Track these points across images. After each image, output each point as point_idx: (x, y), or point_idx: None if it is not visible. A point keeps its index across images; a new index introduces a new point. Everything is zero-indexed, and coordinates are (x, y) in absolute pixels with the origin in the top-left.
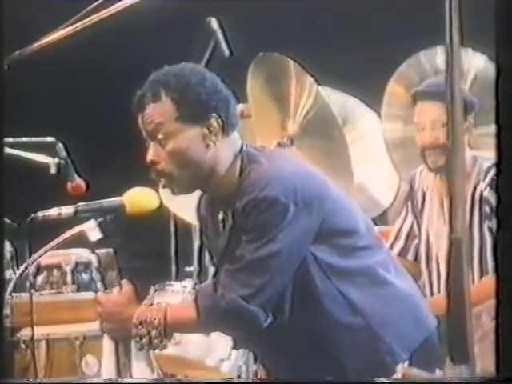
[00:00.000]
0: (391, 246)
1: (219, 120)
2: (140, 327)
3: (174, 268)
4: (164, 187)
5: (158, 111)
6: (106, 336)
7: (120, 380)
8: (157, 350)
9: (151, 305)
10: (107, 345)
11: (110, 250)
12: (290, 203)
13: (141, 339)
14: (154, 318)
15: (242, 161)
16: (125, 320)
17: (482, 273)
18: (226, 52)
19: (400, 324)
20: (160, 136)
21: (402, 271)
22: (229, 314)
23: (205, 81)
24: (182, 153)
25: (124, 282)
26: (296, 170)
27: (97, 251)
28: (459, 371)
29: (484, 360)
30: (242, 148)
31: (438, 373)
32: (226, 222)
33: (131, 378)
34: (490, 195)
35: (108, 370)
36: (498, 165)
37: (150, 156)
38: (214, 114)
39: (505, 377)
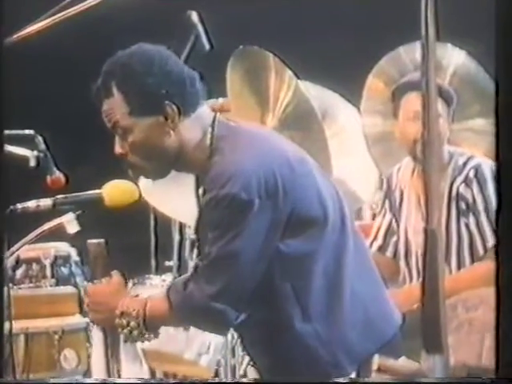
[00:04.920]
0: (370, 244)
1: (173, 106)
2: (122, 318)
3: (153, 262)
4: (136, 177)
5: (111, 108)
6: (95, 327)
7: (110, 380)
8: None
9: (136, 296)
10: (96, 335)
11: (102, 240)
12: (255, 198)
13: (122, 330)
14: (134, 309)
15: (212, 140)
16: (111, 310)
17: (460, 269)
18: (207, 46)
19: (350, 334)
20: (119, 131)
21: (369, 271)
22: (197, 312)
23: (152, 68)
24: (143, 145)
25: (114, 272)
26: (261, 158)
27: (88, 241)
28: (433, 361)
29: (459, 351)
30: (214, 120)
31: (402, 360)
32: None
33: (118, 370)
34: (465, 192)
35: (97, 361)
36: (496, 155)
37: (116, 149)
38: (166, 102)
39: (505, 377)
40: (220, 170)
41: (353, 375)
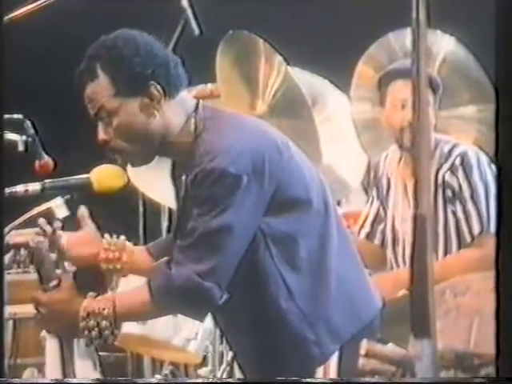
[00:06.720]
0: (358, 232)
1: (158, 87)
2: (88, 319)
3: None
4: (122, 163)
5: (96, 91)
6: (48, 335)
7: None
8: (125, 330)
9: (97, 296)
10: (51, 343)
11: (43, 240)
12: (243, 173)
13: (90, 332)
14: (103, 309)
15: (196, 125)
16: (72, 316)
17: (447, 255)
18: (196, 31)
19: (334, 314)
20: (104, 115)
21: (352, 256)
22: (183, 291)
23: (138, 50)
24: (128, 127)
25: (63, 276)
26: (249, 138)
27: (31, 243)
28: (421, 346)
29: (447, 336)
30: (196, 107)
31: (390, 345)
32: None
33: (74, 375)
34: (451, 179)
35: (52, 368)
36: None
37: (100, 135)
38: (151, 82)
39: (505, 377)
40: (209, 147)
41: (335, 356)
